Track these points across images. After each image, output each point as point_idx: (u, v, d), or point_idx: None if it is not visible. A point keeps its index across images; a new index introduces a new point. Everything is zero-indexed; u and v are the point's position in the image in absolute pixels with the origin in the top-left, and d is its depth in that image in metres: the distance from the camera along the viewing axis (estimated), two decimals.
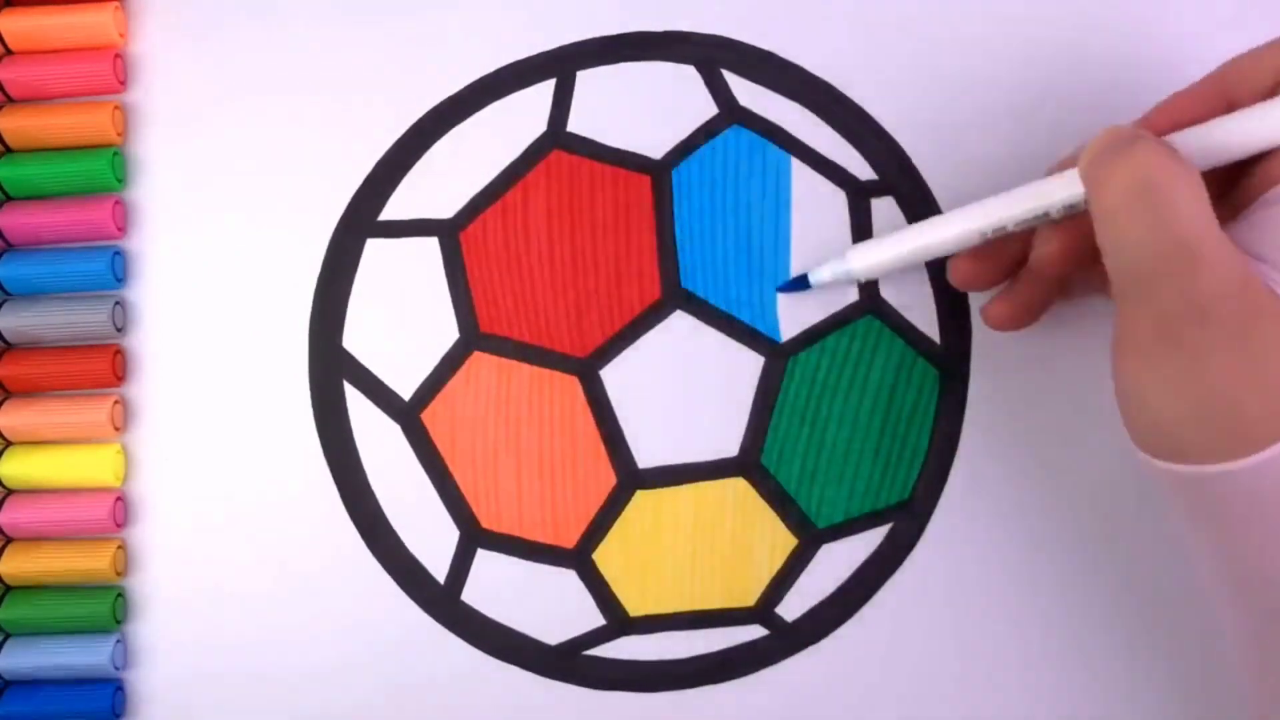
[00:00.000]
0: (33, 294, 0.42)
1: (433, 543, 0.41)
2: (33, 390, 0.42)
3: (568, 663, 0.41)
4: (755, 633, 0.41)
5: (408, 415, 0.42)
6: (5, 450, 0.42)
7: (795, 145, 0.42)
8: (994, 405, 0.41)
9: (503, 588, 0.41)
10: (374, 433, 0.42)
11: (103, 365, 0.41)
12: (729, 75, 0.42)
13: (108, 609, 0.41)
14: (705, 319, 0.41)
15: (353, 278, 0.42)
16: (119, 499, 0.42)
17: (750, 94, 0.42)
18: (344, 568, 0.42)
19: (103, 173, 0.42)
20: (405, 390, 0.42)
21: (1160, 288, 0.31)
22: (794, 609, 0.41)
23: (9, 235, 0.42)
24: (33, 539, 0.42)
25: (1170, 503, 0.33)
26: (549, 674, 0.41)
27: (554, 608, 0.41)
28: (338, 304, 0.42)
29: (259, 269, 0.42)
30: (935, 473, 0.41)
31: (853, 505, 0.41)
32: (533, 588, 0.41)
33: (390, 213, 0.42)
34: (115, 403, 0.42)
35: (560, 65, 0.42)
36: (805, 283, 0.40)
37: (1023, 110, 0.42)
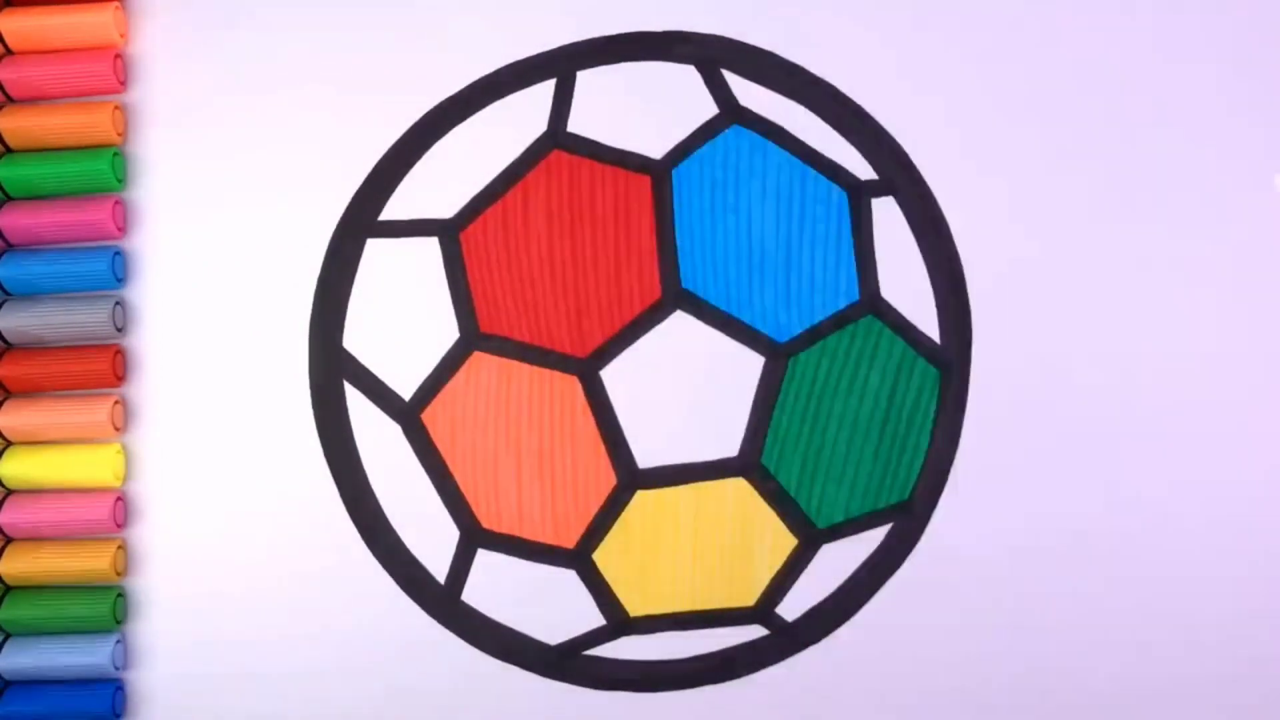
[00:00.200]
0: (33, 294, 0.42)
1: (433, 543, 0.41)
2: (33, 390, 0.42)
3: (568, 663, 0.41)
4: (755, 633, 0.41)
5: (408, 415, 0.42)
6: (5, 450, 0.42)
7: (795, 145, 0.42)
8: (994, 405, 0.41)
9: (503, 588, 0.41)
10: (374, 433, 0.42)
11: (103, 365, 0.41)
12: (729, 75, 0.42)
13: (108, 609, 0.41)
14: (705, 319, 0.41)
15: (353, 278, 0.42)
16: (119, 499, 0.42)
17: (750, 94, 0.42)
18: (344, 568, 0.42)
19: (103, 173, 0.42)
20: (405, 390, 0.42)
21: None
22: (794, 609, 0.41)
23: (9, 235, 0.42)
24: (33, 539, 0.42)
25: None
26: (549, 674, 0.41)
27: (554, 608, 0.41)
28: (338, 304, 0.42)
29: (259, 269, 0.42)
30: (935, 473, 0.41)
31: (853, 505, 0.41)
32: (533, 588, 0.41)
33: (390, 213, 0.42)
34: (115, 403, 0.42)
35: (560, 65, 0.42)
36: None
37: (1023, 110, 0.42)
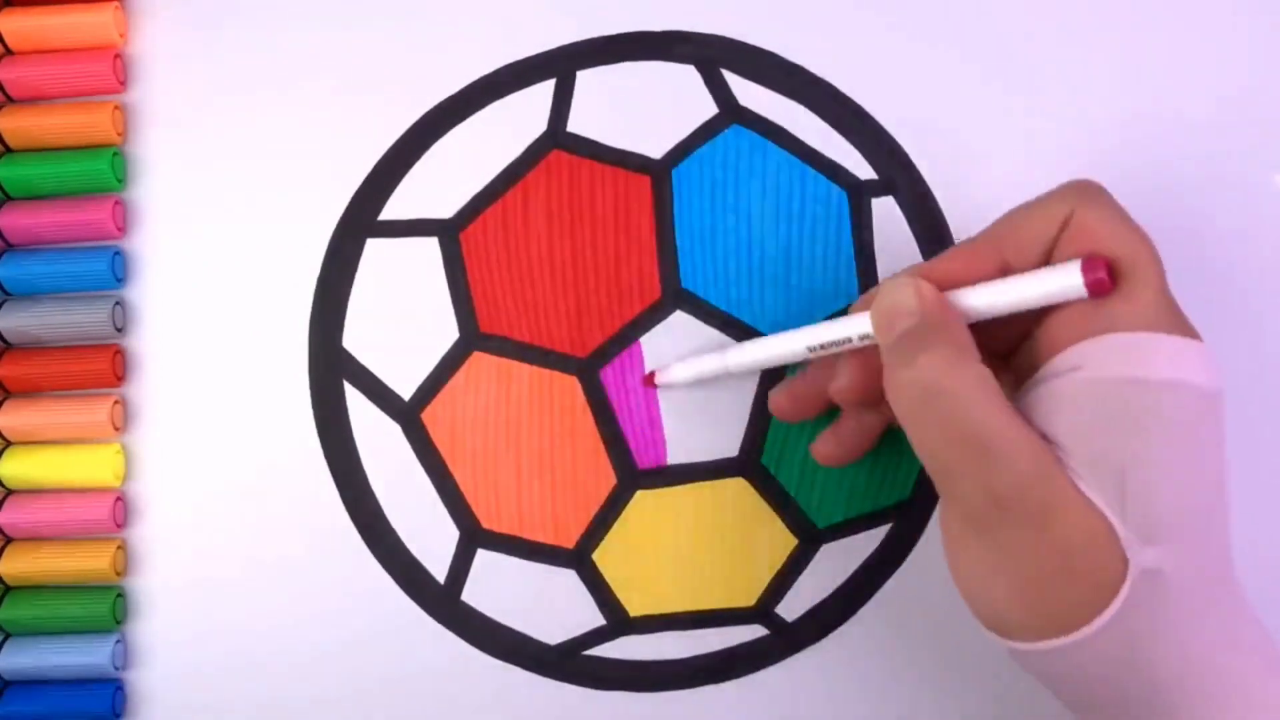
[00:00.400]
0: (33, 294, 0.42)
1: (433, 543, 0.41)
2: (33, 390, 0.42)
3: (568, 663, 0.41)
4: (755, 633, 0.41)
5: (408, 415, 0.42)
6: (5, 450, 0.42)
7: (795, 145, 0.42)
8: None
9: (503, 588, 0.41)
10: (374, 433, 0.42)
11: (103, 365, 0.41)
12: (729, 75, 0.42)
13: (108, 609, 0.41)
14: (705, 319, 0.41)
15: (353, 278, 0.42)
16: (119, 499, 0.42)
17: (750, 94, 0.42)
18: (344, 568, 0.42)
19: (103, 173, 0.42)
20: (405, 390, 0.42)
21: (959, 481, 0.31)
22: (794, 609, 0.41)
23: (9, 235, 0.42)
24: (33, 539, 0.42)
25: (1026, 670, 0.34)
26: (549, 674, 0.41)
27: (554, 608, 0.41)
28: (338, 304, 0.42)
29: (259, 269, 0.42)
30: None
31: (853, 505, 0.41)
32: (533, 588, 0.41)
33: (390, 213, 0.42)
34: (115, 403, 0.42)
35: (560, 65, 0.42)
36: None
37: (1022, 109, 0.42)
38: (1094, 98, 0.41)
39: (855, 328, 0.35)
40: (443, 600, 0.41)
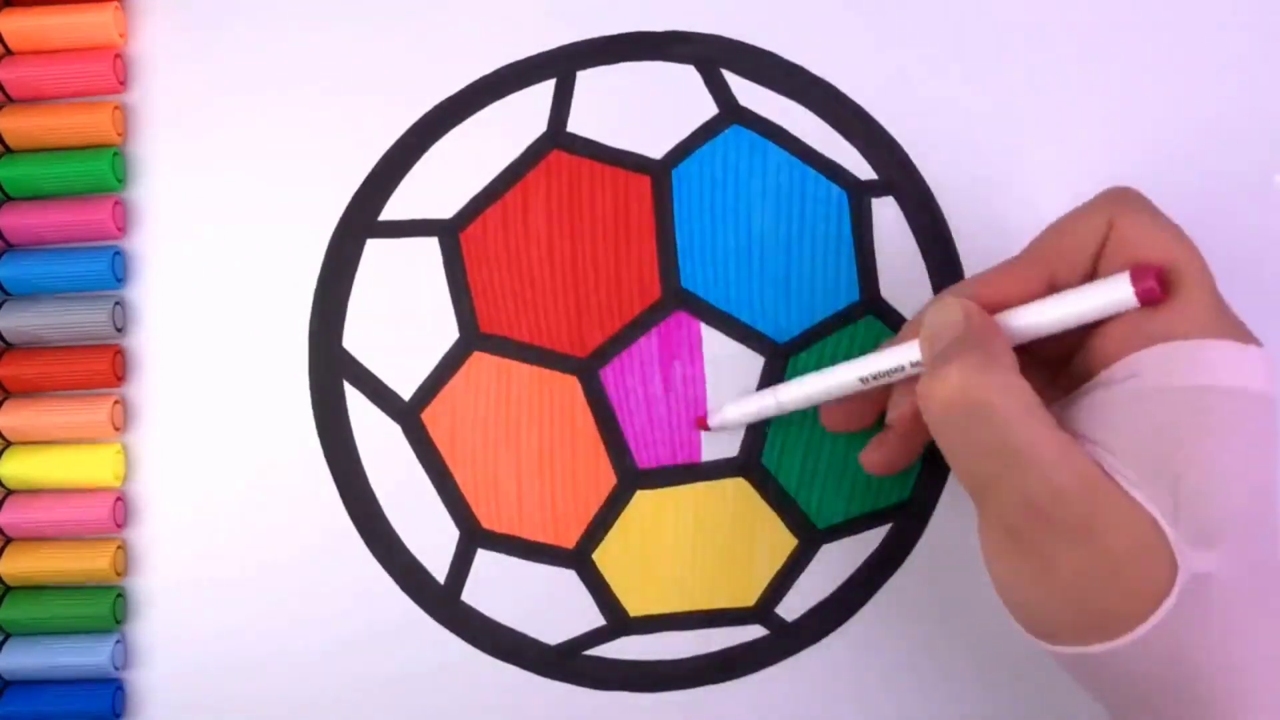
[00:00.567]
0: (33, 294, 0.42)
1: (433, 543, 0.41)
2: (33, 390, 0.42)
3: (568, 662, 0.41)
4: (755, 633, 0.41)
5: (408, 415, 0.42)
6: (5, 450, 0.42)
7: (795, 145, 0.42)
8: None
9: (503, 588, 0.41)
10: (374, 433, 0.42)
11: (103, 365, 0.41)
12: (729, 75, 0.42)
13: (108, 609, 0.41)
14: (705, 319, 0.41)
15: (353, 278, 0.42)
16: (119, 499, 0.42)
17: (750, 94, 0.42)
18: (344, 568, 0.42)
19: (103, 173, 0.42)
20: (405, 390, 0.42)
21: (995, 493, 0.31)
22: (794, 609, 0.41)
23: (9, 235, 0.42)
24: (33, 539, 0.42)
25: (1066, 671, 0.34)
26: (549, 674, 0.41)
27: (554, 608, 0.41)
28: (338, 304, 0.42)
29: (259, 269, 0.42)
30: (935, 473, 0.41)
31: (853, 505, 0.41)
32: (533, 588, 0.41)
33: (390, 213, 0.42)
34: (115, 403, 0.42)
35: (560, 65, 0.42)
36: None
37: (1022, 109, 0.42)
38: (1093, 97, 0.41)
39: (907, 355, 0.35)
40: (443, 600, 0.41)
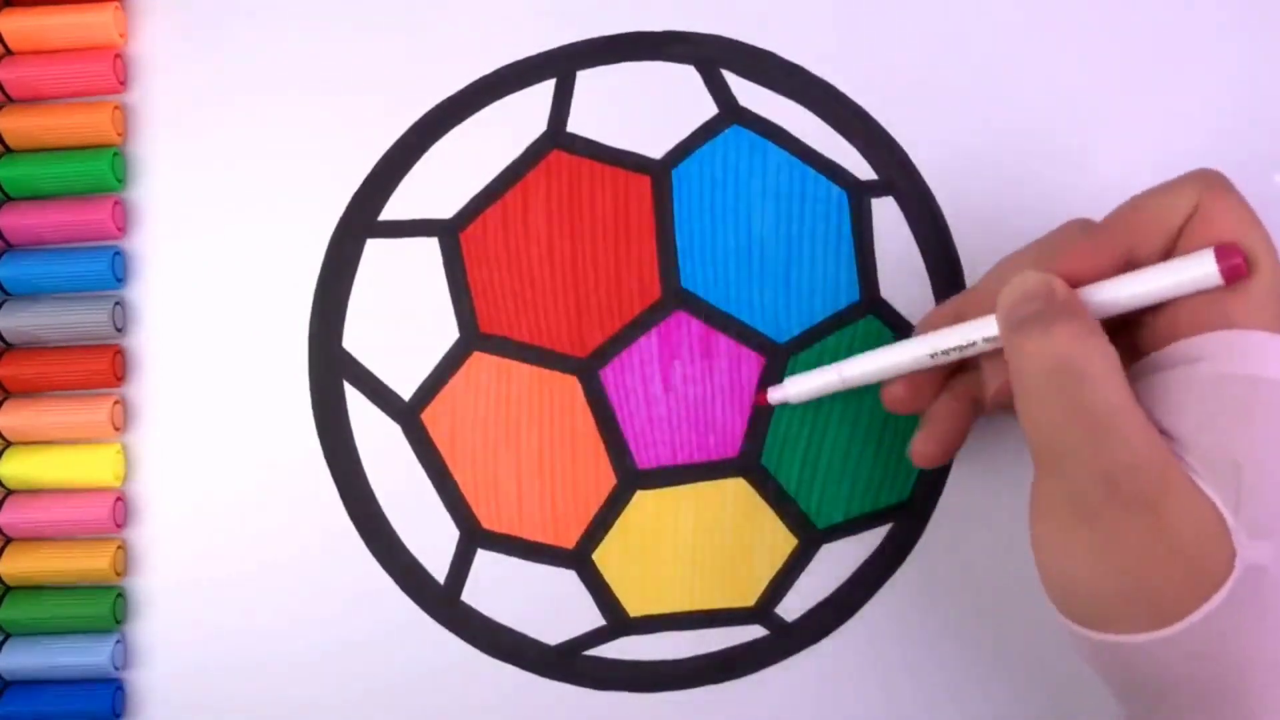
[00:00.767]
0: (33, 294, 0.42)
1: (433, 543, 0.41)
2: (33, 390, 0.42)
3: (567, 663, 0.41)
4: (755, 633, 0.41)
5: (408, 415, 0.42)
6: (5, 450, 0.42)
7: (795, 145, 0.42)
8: None
9: (503, 588, 0.41)
10: (374, 433, 0.42)
11: (103, 365, 0.41)
12: (729, 75, 0.42)
13: (108, 609, 0.41)
14: (705, 319, 0.41)
15: (353, 278, 0.42)
16: (119, 499, 0.42)
17: (750, 94, 0.42)
18: (344, 568, 0.42)
19: (103, 173, 0.42)
20: (405, 390, 0.42)
21: (1075, 461, 0.31)
22: (794, 609, 0.41)
23: (9, 235, 0.42)
24: (33, 539, 0.42)
25: (1093, 668, 0.33)
26: (549, 674, 0.41)
27: (554, 608, 0.41)
28: (338, 304, 0.42)
29: (259, 269, 0.42)
30: (935, 473, 0.41)
31: (853, 505, 0.41)
32: (533, 588, 0.41)
33: (390, 213, 0.42)
34: (115, 403, 0.42)
35: (560, 65, 0.42)
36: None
37: (1022, 109, 0.42)
38: (1093, 97, 0.41)
39: (980, 331, 0.35)
40: (443, 600, 0.41)
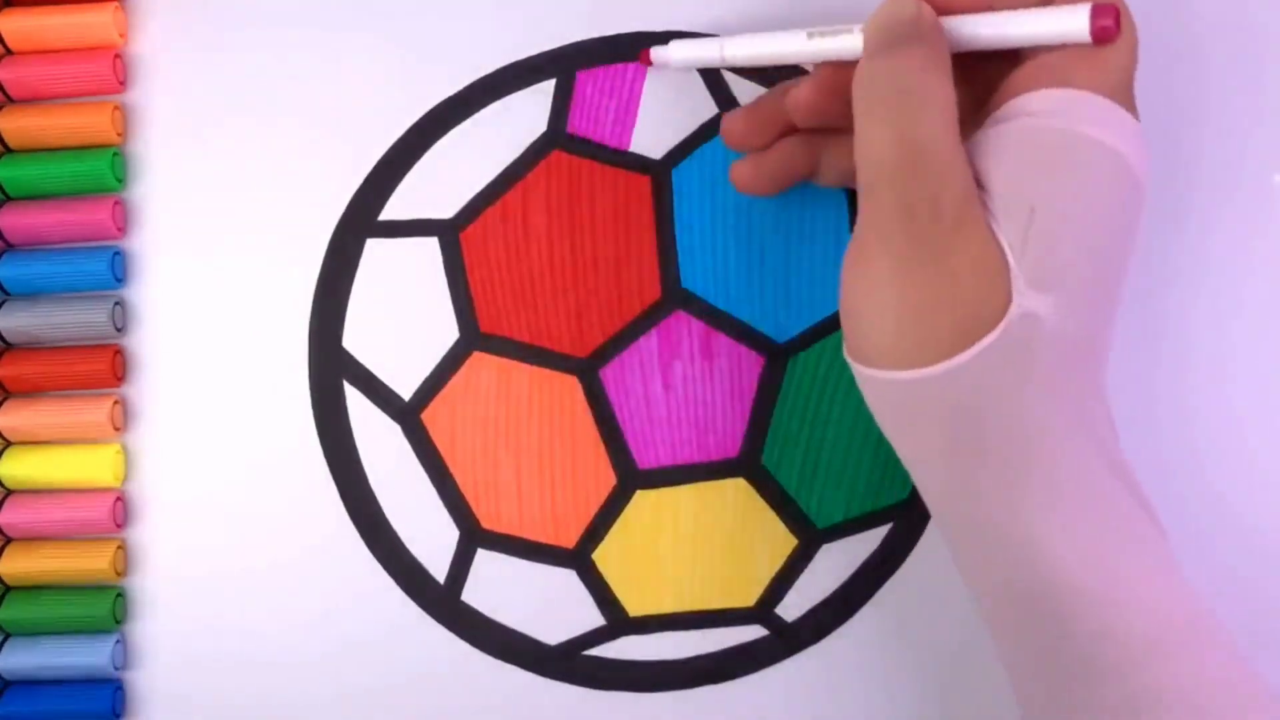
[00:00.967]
0: (33, 294, 0.42)
1: (433, 543, 0.41)
2: (33, 390, 0.42)
3: (567, 662, 0.41)
4: (755, 633, 0.41)
5: (408, 415, 0.42)
6: (5, 450, 0.42)
7: None
8: None
9: (503, 588, 0.41)
10: (374, 433, 0.42)
11: (103, 365, 0.41)
12: (729, 75, 0.42)
13: (108, 609, 0.41)
14: (705, 319, 0.41)
15: (353, 278, 0.42)
16: (119, 499, 0.42)
17: (750, 94, 0.42)
18: (344, 568, 0.42)
19: (103, 173, 0.42)
20: (405, 390, 0.42)
21: (886, 187, 0.32)
22: (794, 609, 0.41)
23: (9, 235, 0.42)
24: (33, 539, 0.42)
25: (880, 421, 0.35)
26: (548, 673, 0.41)
27: (554, 608, 0.41)
28: (338, 304, 0.42)
29: (259, 269, 0.42)
30: None
31: (853, 505, 0.41)
32: (533, 588, 0.41)
33: (390, 213, 0.42)
34: (115, 403, 0.42)
35: (560, 65, 0.42)
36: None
37: None
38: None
39: (855, 42, 0.35)
40: (442, 600, 0.41)
